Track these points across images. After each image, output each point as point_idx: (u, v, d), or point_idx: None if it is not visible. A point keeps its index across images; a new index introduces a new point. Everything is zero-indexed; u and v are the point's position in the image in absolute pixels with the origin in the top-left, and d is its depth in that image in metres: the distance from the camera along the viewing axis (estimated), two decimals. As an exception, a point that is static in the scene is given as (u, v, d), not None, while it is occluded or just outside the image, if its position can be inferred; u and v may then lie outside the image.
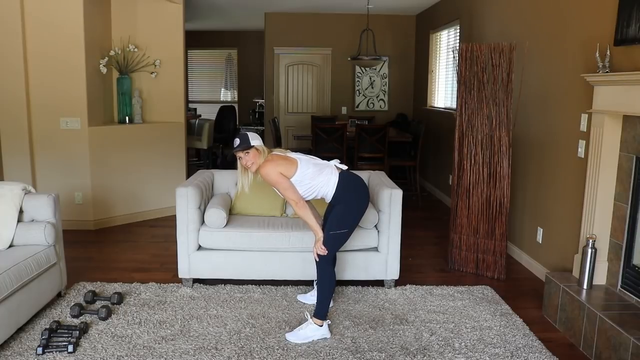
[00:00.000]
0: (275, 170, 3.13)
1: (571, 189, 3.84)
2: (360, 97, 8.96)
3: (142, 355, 2.95)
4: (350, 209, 3.25)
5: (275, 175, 3.13)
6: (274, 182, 3.16)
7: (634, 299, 3.15)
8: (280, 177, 3.14)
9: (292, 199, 3.17)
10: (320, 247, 3.19)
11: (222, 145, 9.99)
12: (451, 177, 4.84)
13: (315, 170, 3.20)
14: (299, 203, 3.18)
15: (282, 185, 3.15)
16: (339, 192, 3.22)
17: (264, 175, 3.15)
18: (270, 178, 3.15)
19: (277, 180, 3.14)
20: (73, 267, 4.06)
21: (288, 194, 3.17)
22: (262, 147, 3.18)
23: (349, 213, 3.24)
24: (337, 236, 3.23)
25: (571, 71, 3.83)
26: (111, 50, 5.61)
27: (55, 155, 5.28)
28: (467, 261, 4.39)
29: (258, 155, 3.16)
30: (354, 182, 3.31)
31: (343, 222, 3.23)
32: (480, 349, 3.08)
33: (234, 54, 11.92)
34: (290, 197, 3.17)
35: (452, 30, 6.90)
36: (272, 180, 3.15)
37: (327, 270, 3.24)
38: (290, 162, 3.19)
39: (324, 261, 3.22)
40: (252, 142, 3.14)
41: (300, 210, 3.20)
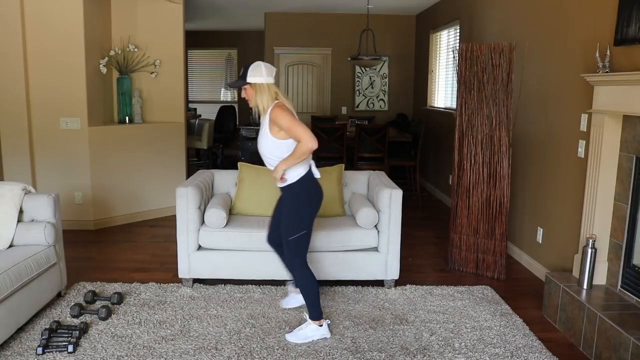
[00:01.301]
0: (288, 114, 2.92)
1: (571, 189, 3.84)
2: (360, 97, 8.96)
3: (142, 355, 2.95)
4: (303, 210, 3.10)
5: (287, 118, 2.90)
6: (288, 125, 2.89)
7: (634, 299, 3.15)
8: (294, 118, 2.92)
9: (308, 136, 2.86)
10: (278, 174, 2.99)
11: (222, 145, 9.99)
12: (451, 177, 4.84)
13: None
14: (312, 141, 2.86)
15: (296, 124, 2.88)
16: (297, 184, 3.06)
17: (276, 119, 2.93)
18: (283, 122, 2.90)
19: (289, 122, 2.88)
20: (73, 267, 4.06)
21: (303, 133, 2.86)
22: (263, 85, 2.96)
23: (303, 215, 3.10)
24: (299, 239, 3.09)
25: (571, 71, 3.83)
26: (111, 50, 5.61)
27: (55, 155, 5.28)
28: (467, 261, 4.39)
29: (254, 93, 2.98)
30: (315, 188, 3.14)
31: (299, 226, 3.09)
32: (480, 349, 3.08)
33: (234, 54, 11.91)
34: (306, 134, 2.86)
35: (452, 30, 6.90)
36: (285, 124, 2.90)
37: (304, 274, 3.14)
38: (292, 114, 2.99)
39: (299, 266, 3.14)
40: (248, 78, 2.95)
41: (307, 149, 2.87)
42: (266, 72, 2.98)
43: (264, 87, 2.98)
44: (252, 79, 2.97)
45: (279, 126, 2.95)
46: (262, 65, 2.99)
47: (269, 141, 3.03)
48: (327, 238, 3.83)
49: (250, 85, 2.99)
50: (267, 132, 3.02)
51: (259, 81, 2.97)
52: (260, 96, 2.99)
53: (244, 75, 2.99)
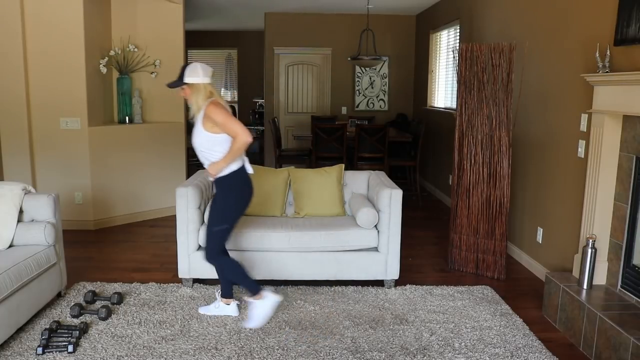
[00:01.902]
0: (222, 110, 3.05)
1: (571, 189, 3.84)
2: (360, 97, 8.96)
3: (142, 355, 2.95)
4: (230, 205, 3.23)
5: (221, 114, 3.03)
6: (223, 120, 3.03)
7: (634, 299, 3.15)
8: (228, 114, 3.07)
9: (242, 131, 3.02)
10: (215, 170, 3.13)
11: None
12: (451, 177, 4.84)
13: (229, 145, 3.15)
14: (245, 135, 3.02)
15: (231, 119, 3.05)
16: (228, 178, 3.17)
17: (211, 115, 3.05)
18: (217, 118, 3.03)
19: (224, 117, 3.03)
20: (73, 267, 4.06)
21: (240, 127, 3.03)
22: (199, 85, 3.08)
23: (230, 209, 3.23)
24: (220, 232, 3.23)
25: (571, 71, 3.83)
26: (111, 50, 5.61)
27: (55, 155, 5.28)
28: (467, 261, 4.39)
29: (191, 93, 3.10)
30: (246, 183, 3.25)
31: (224, 219, 3.23)
32: (480, 349, 3.08)
33: (234, 54, 11.91)
34: (241, 129, 3.03)
35: (452, 30, 6.90)
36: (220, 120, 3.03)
37: (223, 260, 3.29)
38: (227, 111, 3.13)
39: (217, 255, 3.27)
40: (185, 79, 3.08)
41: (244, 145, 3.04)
42: (202, 73, 3.12)
43: (200, 87, 3.12)
44: (189, 79, 3.11)
45: (213, 122, 3.07)
46: (199, 66, 3.13)
47: (203, 135, 3.13)
48: (327, 238, 3.83)
49: (188, 85, 3.12)
50: (201, 127, 3.12)
51: (195, 81, 3.11)
52: (196, 95, 3.12)
53: (181, 76, 3.12)
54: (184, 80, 3.11)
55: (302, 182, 4.27)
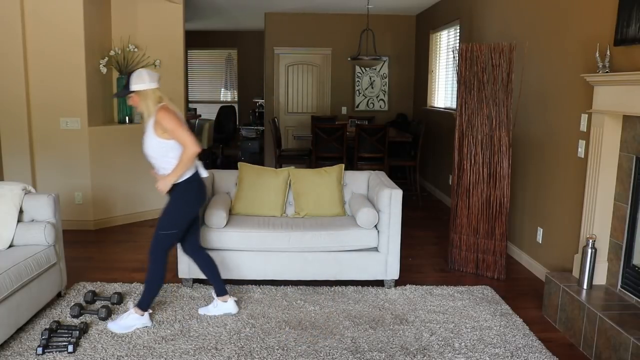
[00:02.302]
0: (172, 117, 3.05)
1: (571, 189, 3.84)
2: (360, 97, 8.96)
3: (142, 355, 2.95)
4: (181, 211, 3.23)
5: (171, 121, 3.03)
6: (172, 128, 3.03)
7: (634, 299, 3.15)
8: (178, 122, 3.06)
9: (190, 141, 3.04)
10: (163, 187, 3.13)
11: (222, 145, 10.00)
12: (451, 177, 4.84)
13: None
14: (194, 146, 3.04)
15: (180, 128, 3.04)
16: (181, 186, 3.18)
17: (160, 121, 3.05)
18: (166, 124, 3.04)
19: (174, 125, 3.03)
20: (73, 267, 4.06)
21: (187, 137, 3.04)
22: (147, 91, 3.08)
23: (180, 215, 3.23)
24: (168, 236, 3.23)
25: (571, 71, 3.83)
26: (111, 50, 5.61)
27: (55, 155, 5.28)
28: (467, 261, 4.39)
29: (140, 100, 3.10)
30: (199, 189, 3.27)
31: (174, 224, 3.22)
32: (480, 349, 3.08)
33: (234, 54, 11.91)
34: (189, 139, 3.04)
35: (452, 30, 6.90)
36: (169, 127, 3.03)
37: (158, 267, 3.26)
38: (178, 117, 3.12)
39: (158, 258, 3.25)
40: (132, 87, 3.09)
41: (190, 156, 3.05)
42: (149, 78, 3.12)
43: (147, 93, 3.12)
44: (135, 87, 3.11)
45: (163, 128, 3.07)
46: (144, 72, 3.15)
47: (154, 141, 3.13)
48: (327, 238, 3.83)
49: (135, 93, 3.12)
50: (152, 133, 3.13)
51: (142, 88, 3.11)
52: (145, 101, 3.13)
53: (127, 84, 3.13)
54: (131, 88, 3.10)
55: (302, 182, 4.27)
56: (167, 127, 3.05)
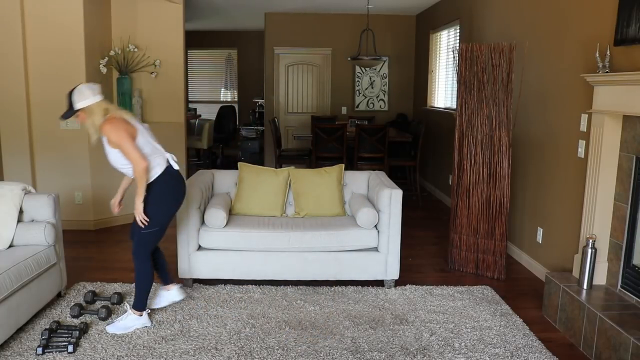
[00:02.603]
0: (117, 129, 3.01)
1: (571, 189, 3.84)
2: (360, 97, 8.96)
3: (142, 355, 2.95)
4: (162, 209, 3.22)
5: (115, 133, 3.01)
6: (115, 140, 3.02)
7: (634, 299, 3.15)
8: (124, 136, 3.01)
9: (136, 158, 3.02)
10: (142, 216, 3.13)
11: (222, 145, 10.00)
12: (451, 177, 4.84)
13: (149, 149, 3.15)
14: (142, 163, 3.04)
15: (125, 143, 3.01)
16: (158, 185, 3.18)
17: (106, 135, 3.04)
18: (112, 138, 3.02)
19: (119, 139, 3.01)
20: (73, 267, 4.06)
21: (133, 153, 3.02)
22: (92, 106, 3.02)
23: (161, 212, 3.21)
24: (151, 234, 3.22)
25: (571, 71, 3.83)
26: (111, 50, 5.61)
27: (55, 155, 5.28)
28: (467, 261, 4.39)
29: (87, 116, 3.03)
30: (175, 182, 3.28)
31: (155, 222, 3.20)
32: (480, 349, 3.08)
33: (234, 54, 11.91)
34: (135, 155, 3.02)
35: (452, 30, 6.90)
36: (115, 140, 3.02)
37: (145, 265, 3.26)
38: (131, 127, 3.09)
39: (144, 258, 3.25)
40: (76, 106, 3.00)
41: (141, 172, 3.05)
42: (91, 93, 3.05)
43: (93, 108, 3.04)
44: (80, 104, 3.02)
45: (109, 142, 3.07)
46: (84, 88, 3.06)
47: (113, 153, 3.13)
48: (327, 238, 3.83)
49: (82, 110, 3.04)
50: (108, 147, 3.12)
51: (87, 104, 3.03)
52: (92, 118, 3.05)
53: (70, 104, 3.03)
54: (76, 107, 3.02)
55: (302, 182, 4.27)
56: (112, 141, 3.04)
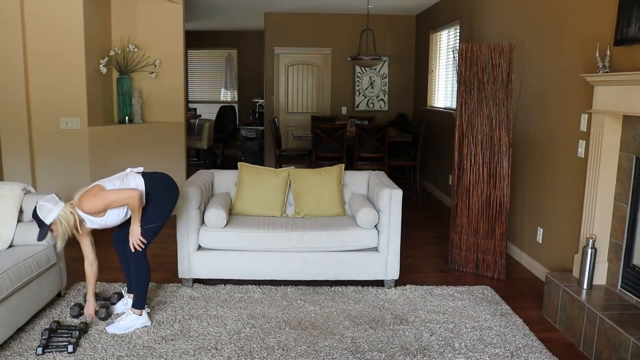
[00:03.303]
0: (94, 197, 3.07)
1: (571, 189, 3.84)
2: (360, 97, 8.96)
3: (142, 355, 2.95)
4: (162, 204, 3.33)
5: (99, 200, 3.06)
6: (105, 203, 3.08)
7: (634, 299, 3.15)
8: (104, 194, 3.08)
9: (126, 195, 3.10)
10: (138, 239, 3.23)
11: (222, 145, 10.00)
12: (451, 177, 4.84)
13: (120, 182, 3.22)
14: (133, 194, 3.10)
15: (111, 196, 3.09)
16: (148, 190, 3.27)
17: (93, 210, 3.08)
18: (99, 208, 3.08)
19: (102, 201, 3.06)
20: (73, 267, 4.06)
21: (122, 194, 3.10)
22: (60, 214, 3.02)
23: (160, 208, 3.31)
24: (152, 229, 3.29)
25: (571, 71, 3.83)
26: (111, 50, 5.62)
27: (55, 155, 5.27)
28: (467, 261, 4.39)
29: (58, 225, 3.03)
30: (159, 178, 3.39)
31: (156, 216, 3.29)
32: (480, 349, 3.08)
33: (234, 54, 11.91)
34: (125, 194, 3.10)
35: (452, 30, 6.90)
36: (102, 206, 3.08)
37: (144, 262, 3.31)
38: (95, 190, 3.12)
39: (141, 256, 3.29)
40: (47, 220, 3.00)
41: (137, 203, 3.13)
42: (52, 203, 3.05)
43: (61, 216, 3.04)
44: (50, 217, 3.01)
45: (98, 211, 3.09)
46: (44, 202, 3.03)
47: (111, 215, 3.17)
48: (327, 238, 3.83)
49: (53, 224, 3.04)
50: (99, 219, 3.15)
51: (55, 214, 3.02)
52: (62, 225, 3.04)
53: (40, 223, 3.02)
54: (47, 222, 3.01)
55: (302, 182, 4.27)
56: (100, 209, 3.09)
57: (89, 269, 3.36)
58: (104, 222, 3.20)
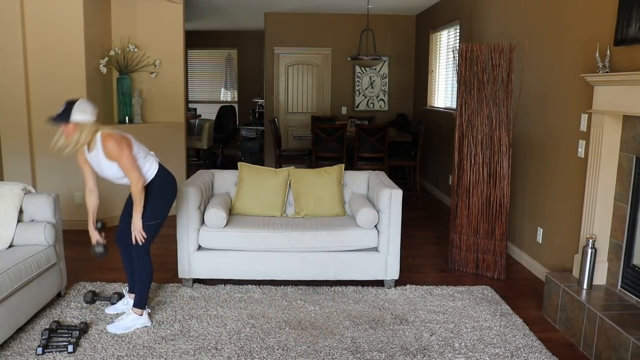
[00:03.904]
0: (120, 145, 3.07)
1: (571, 189, 3.84)
2: (360, 97, 8.96)
3: (142, 355, 2.95)
4: (164, 201, 3.33)
5: (119, 151, 3.07)
6: (117, 155, 3.07)
7: (634, 299, 3.15)
8: (126, 153, 3.09)
9: (136, 177, 3.12)
10: (140, 233, 3.22)
11: (222, 145, 10.00)
12: (451, 177, 4.84)
13: (143, 153, 3.24)
14: (141, 181, 3.15)
15: (128, 161, 3.09)
16: (157, 182, 3.28)
17: (109, 151, 3.07)
18: (115, 153, 3.07)
19: (121, 154, 3.07)
20: (73, 267, 4.06)
21: (133, 172, 3.11)
22: (86, 123, 3.02)
23: (162, 205, 3.32)
24: (153, 227, 3.29)
25: (571, 71, 3.83)
26: (111, 50, 5.61)
27: (55, 155, 5.24)
28: (467, 261, 4.39)
29: (75, 131, 3.02)
30: (169, 176, 3.39)
31: (157, 214, 3.30)
32: (480, 349, 3.08)
33: (234, 54, 11.91)
34: (135, 174, 3.12)
35: (452, 30, 6.90)
36: (115, 153, 3.07)
37: (146, 260, 3.32)
38: (127, 140, 3.16)
39: (144, 252, 3.30)
40: (73, 118, 2.99)
41: (140, 190, 3.15)
42: (91, 112, 3.07)
43: (85, 125, 3.04)
44: (77, 117, 3.01)
45: (110, 154, 3.09)
46: (88, 105, 3.07)
47: (112, 167, 3.15)
48: (327, 238, 3.83)
49: (74, 124, 3.02)
50: (104, 159, 3.14)
51: (83, 120, 3.03)
52: (79, 134, 3.04)
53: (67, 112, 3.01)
54: (72, 118, 3.00)
55: (302, 182, 4.27)
56: (114, 157, 3.09)
57: (88, 196, 3.34)
58: (101, 163, 3.15)
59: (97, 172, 3.26)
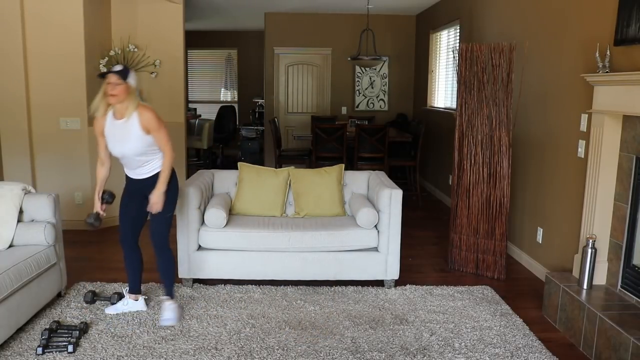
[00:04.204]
0: (159, 118, 3.20)
1: (571, 189, 3.84)
2: (360, 97, 8.96)
3: (142, 355, 2.95)
4: (174, 194, 3.41)
5: (158, 122, 3.18)
6: (156, 127, 3.17)
7: (634, 299, 3.15)
8: (163, 126, 3.22)
9: (171, 149, 3.24)
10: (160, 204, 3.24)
11: (222, 145, 10.00)
12: (451, 177, 4.84)
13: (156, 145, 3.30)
14: (172, 150, 3.25)
15: (165, 134, 3.21)
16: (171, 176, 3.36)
17: (146, 118, 3.14)
18: (153, 124, 3.16)
19: (159, 126, 3.18)
20: (73, 267, 4.06)
21: (169, 144, 3.23)
22: (134, 90, 3.17)
23: (173, 198, 3.41)
24: (169, 219, 3.38)
25: (571, 71, 3.83)
26: (111, 50, 5.61)
27: (55, 155, 5.28)
28: (467, 261, 4.39)
29: (125, 93, 3.12)
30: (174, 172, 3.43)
31: (172, 207, 3.40)
32: (480, 349, 3.08)
33: (234, 54, 11.91)
34: (170, 146, 3.24)
35: (452, 30, 6.90)
36: (155, 124, 3.16)
37: (169, 255, 3.42)
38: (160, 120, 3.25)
39: (165, 247, 3.39)
40: (129, 79, 3.14)
41: (171, 163, 3.25)
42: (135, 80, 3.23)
43: (134, 91, 3.19)
44: (132, 81, 3.17)
45: (148, 129, 3.16)
46: (134, 74, 3.23)
47: (143, 139, 3.18)
48: (327, 238, 3.83)
49: (128, 84, 3.15)
50: (140, 132, 3.17)
51: (133, 85, 3.19)
52: (131, 96, 3.16)
53: (125, 73, 3.13)
54: (128, 79, 3.14)
55: (302, 182, 4.28)
56: (152, 128, 3.16)
57: (100, 167, 3.39)
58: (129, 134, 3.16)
59: (112, 145, 3.25)
